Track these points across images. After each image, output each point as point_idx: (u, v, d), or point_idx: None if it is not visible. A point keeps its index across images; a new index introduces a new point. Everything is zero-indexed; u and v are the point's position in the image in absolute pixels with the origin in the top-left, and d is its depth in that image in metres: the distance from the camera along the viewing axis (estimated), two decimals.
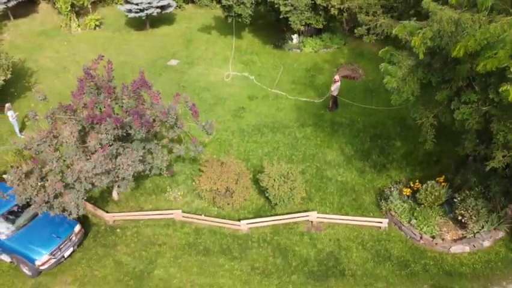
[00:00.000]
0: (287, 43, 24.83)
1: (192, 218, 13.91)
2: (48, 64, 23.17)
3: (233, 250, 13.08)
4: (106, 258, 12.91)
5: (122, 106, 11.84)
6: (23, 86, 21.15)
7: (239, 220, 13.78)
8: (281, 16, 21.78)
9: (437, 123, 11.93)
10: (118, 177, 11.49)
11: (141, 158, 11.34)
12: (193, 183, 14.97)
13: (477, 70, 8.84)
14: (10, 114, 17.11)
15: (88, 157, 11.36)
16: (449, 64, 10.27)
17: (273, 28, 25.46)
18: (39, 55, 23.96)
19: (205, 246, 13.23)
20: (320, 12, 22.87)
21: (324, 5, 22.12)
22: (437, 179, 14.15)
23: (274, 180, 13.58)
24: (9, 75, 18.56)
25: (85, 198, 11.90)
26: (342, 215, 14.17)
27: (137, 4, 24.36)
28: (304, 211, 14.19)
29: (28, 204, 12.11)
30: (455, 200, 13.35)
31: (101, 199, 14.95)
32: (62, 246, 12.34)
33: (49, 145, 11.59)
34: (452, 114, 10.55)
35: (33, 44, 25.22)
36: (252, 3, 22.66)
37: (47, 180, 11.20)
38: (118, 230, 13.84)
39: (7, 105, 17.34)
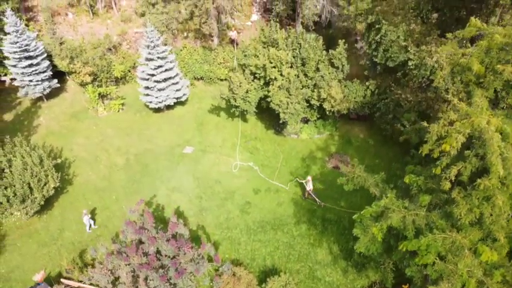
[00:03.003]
0: (286, 128, 28.73)
1: None
2: (81, 153, 27.09)
3: None
4: None
5: (161, 251, 15.84)
6: (64, 179, 24.99)
7: None
8: (281, 121, 25.77)
9: None
10: None
11: None
12: (211, 281, 18.92)
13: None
14: (86, 218, 21.39)
15: None
16: (401, 240, 14.26)
17: (273, 114, 29.33)
18: (73, 142, 27.87)
19: None
20: (314, 108, 26.82)
21: (318, 104, 26.08)
22: (403, 286, 18.16)
23: None
24: (58, 184, 22.46)
25: None
26: None
27: (157, 97, 28.27)
28: None
29: None
30: None
31: None
32: None
33: (108, 280, 15.59)
34: (406, 269, 14.54)
35: (66, 129, 29.12)
36: (255, 102, 26.56)
37: None
38: None
39: (84, 211, 21.63)
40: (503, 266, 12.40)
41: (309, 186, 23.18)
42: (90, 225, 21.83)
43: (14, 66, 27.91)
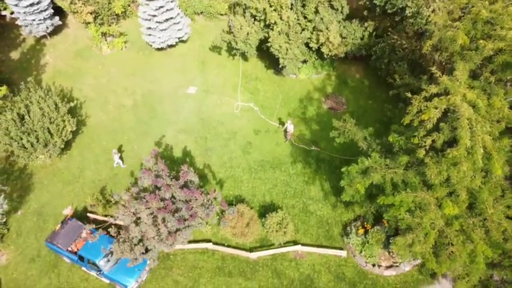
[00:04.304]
0: (285, 68, 29.76)
1: (219, 248, 21.20)
2: (90, 94, 28.51)
3: (247, 273, 20.62)
4: (167, 277, 20.51)
5: (175, 197, 18.37)
6: (78, 120, 26.68)
7: (251, 250, 21.11)
8: (280, 66, 26.77)
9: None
10: None
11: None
12: (219, 219, 21.90)
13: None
14: (116, 157, 23.78)
15: (158, 229, 18.19)
16: (381, 191, 16.62)
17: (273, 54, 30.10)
18: (82, 83, 29.12)
19: (229, 269, 20.74)
20: (313, 50, 27.67)
21: (316, 47, 26.91)
22: (383, 220, 21.15)
23: (273, 227, 20.61)
24: (74, 127, 24.31)
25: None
26: (318, 245, 21.47)
27: (159, 37, 28.86)
28: (294, 241, 21.48)
29: None
30: (390, 240, 20.53)
31: None
32: (141, 274, 19.84)
33: (131, 220, 18.37)
34: (384, 213, 17.20)
35: (72, 68, 30.11)
36: (256, 44, 27.28)
37: (135, 246, 18.17)
38: (172, 256, 21.24)
39: (114, 150, 23.95)
40: (462, 217, 14.95)
41: (290, 129, 25.05)
42: (118, 163, 24.16)
43: (16, 5, 27.98)
